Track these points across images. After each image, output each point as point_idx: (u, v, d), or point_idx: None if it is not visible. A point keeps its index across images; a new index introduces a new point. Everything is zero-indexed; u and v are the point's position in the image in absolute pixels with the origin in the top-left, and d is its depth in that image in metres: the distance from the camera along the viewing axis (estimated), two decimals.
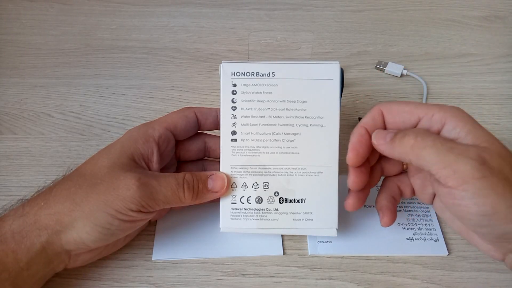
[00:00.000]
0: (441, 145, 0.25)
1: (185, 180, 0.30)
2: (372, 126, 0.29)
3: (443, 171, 0.25)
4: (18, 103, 0.45)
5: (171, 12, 0.58)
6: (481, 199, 0.24)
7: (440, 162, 0.25)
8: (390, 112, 0.29)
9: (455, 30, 0.57)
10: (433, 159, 0.25)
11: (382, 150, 0.28)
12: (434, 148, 0.25)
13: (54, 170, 0.39)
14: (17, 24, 0.55)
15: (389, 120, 0.29)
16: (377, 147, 0.29)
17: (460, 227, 0.30)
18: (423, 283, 0.32)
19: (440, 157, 0.25)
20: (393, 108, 0.29)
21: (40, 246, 0.27)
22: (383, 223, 0.31)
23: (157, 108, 0.45)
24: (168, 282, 0.32)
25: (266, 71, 0.31)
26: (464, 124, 0.26)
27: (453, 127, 0.27)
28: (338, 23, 0.58)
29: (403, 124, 0.29)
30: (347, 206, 0.31)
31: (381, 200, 0.32)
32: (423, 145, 0.26)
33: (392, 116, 0.29)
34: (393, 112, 0.29)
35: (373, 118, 0.30)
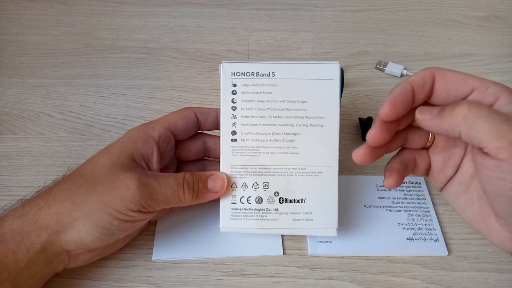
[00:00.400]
0: (496, 115, 0.24)
1: (185, 180, 0.30)
2: (420, 86, 0.27)
3: (497, 142, 0.24)
4: (18, 103, 0.45)
5: (171, 12, 0.58)
6: None
7: (495, 133, 0.24)
8: (443, 76, 0.27)
9: (455, 30, 0.57)
10: (488, 129, 0.24)
11: (428, 125, 0.27)
12: (489, 118, 0.24)
13: (54, 170, 0.39)
14: (17, 24, 0.55)
15: (440, 87, 0.27)
16: (422, 122, 0.27)
17: (475, 215, 0.29)
18: (423, 283, 0.32)
19: (496, 127, 0.24)
20: (447, 73, 0.27)
21: (40, 246, 0.27)
22: (387, 183, 0.29)
23: (157, 108, 0.45)
24: (168, 282, 0.32)
25: (266, 71, 0.31)
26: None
27: (508, 102, 0.26)
28: (338, 23, 0.58)
29: (456, 92, 0.27)
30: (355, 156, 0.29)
31: (393, 163, 0.30)
32: (477, 115, 0.24)
33: (444, 82, 0.27)
34: (447, 77, 0.27)
35: (423, 79, 0.27)
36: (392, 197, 0.38)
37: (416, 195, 0.38)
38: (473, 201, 0.29)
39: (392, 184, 0.29)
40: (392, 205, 0.37)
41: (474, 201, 0.29)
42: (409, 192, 0.38)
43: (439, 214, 0.37)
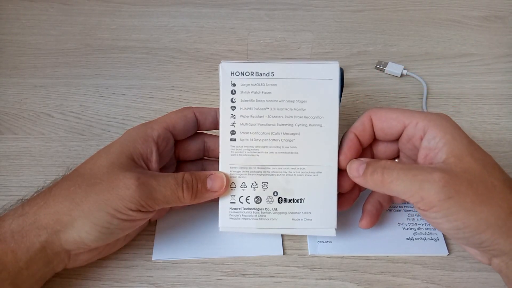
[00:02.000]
0: (404, 175, 0.28)
1: (184, 179, 0.30)
2: (362, 131, 0.32)
3: (412, 198, 0.27)
4: (18, 103, 0.45)
5: (171, 12, 0.58)
6: (451, 216, 0.26)
7: (407, 192, 0.27)
8: (378, 118, 0.31)
9: (455, 30, 0.57)
10: (401, 190, 0.28)
11: (357, 182, 0.30)
12: (400, 180, 0.28)
13: (54, 170, 0.39)
14: (17, 24, 0.55)
15: (377, 127, 0.31)
16: (353, 179, 0.31)
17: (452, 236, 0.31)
18: (423, 283, 0.32)
19: (407, 187, 0.27)
20: (382, 115, 0.31)
21: (40, 246, 0.27)
22: (360, 224, 0.33)
23: (157, 108, 0.45)
24: (168, 282, 0.32)
25: (266, 71, 0.31)
26: (444, 134, 0.28)
27: (433, 137, 0.29)
28: (338, 23, 0.58)
29: (390, 130, 0.31)
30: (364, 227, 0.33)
31: (366, 204, 0.34)
32: (389, 180, 0.28)
33: (380, 122, 0.31)
34: (382, 118, 0.31)
35: (363, 124, 0.32)
36: None
37: None
38: None
39: (366, 225, 0.33)
40: (392, 205, 0.37)
41: None
42: None
43: None
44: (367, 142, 0.32)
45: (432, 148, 0.29)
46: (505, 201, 0.26)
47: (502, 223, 0.26)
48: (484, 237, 0.26)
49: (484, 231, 0.26)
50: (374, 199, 0.34)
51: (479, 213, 0.26)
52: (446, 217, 0.26)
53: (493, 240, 0.26)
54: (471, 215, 0.26)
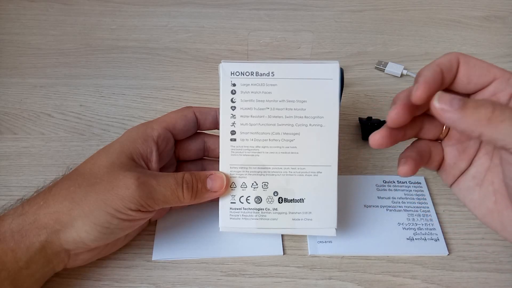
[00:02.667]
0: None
1: (184, 179, 0.30)
2: (448, 69, 0.27)
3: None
4: (18, 103, 0.45)
5: (171, 12, 0.58)
6: None
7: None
8: (467, 62, 0.27)
9: (455, 30, 0.57)
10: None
11: (446, 118, 0.25)
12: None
13: (54, 170, 0.39)
14: (17, 24, 0.55)
15: (463, 72, 0.27)
16: (439, 113, 0.25)
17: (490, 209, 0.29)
18: (423, 283, 0.32)
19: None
20: (471, 60, 0.27)
21: (40, 245, 0.27)
22: (403, 169, 0.28)
23: (157, 108, 0.45)
24: (168, 282, 0.32)
25: (266, 70, 0.31)
26: None
27: None
28: (338, 23, 0.58)
29: (477, 79, 0.27)
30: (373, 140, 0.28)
31: (408, 151, 0.29)
32: (502, 118, 0.23)
33: (468, 67, 0.27)
34: (471, 63, 0.27)
35: (450, 62, 0.27)
36: (392, 197, 0.38)
37: (416, 195, 0.38)
38: (488, 195, 0.29)
39: (407, 171, 0.28)
40: (392, 205, 0.37)
41: (489, 195, 0.29)
42: (409, 192, 0.38)
43: (439, 214, 0.36)
44: (446, 84, 0.28)
45: None
46: None
47: None
48: None
49: None
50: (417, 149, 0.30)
51: None
52: None
53: None
54: None
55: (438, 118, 0.26)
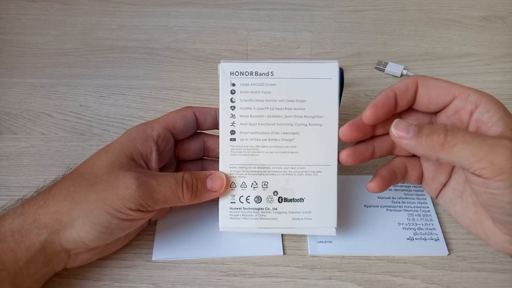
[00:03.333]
0: (472, 139, 0.25)
1: (184, 179, 0.30)
2: (403, 93, 0.29)
3: (478, 164, 0.25)
4: (18, 103, 0.45)
5: (171, 12, 0.58)
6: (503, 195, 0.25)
7: (474, 156, 0.25)
8: (426, 84, 0.28)
9: (455, 30, 0.57)
10: (466, 154, 0.25)
11: (404, 144, 0.27)
12: (466, 144, 0.25)
13: (54, 170, 0.39)
14: (17, 24, 0.55)
15: (422, 94, 0.29)
16: (397, 140, 0.27)
17: (472, 220, 0.30)
18: (423, 283, 0.32)
19: (474, 151, 0.25)
20: (430, 82, 0.28)
21: (40, 245, 0.27)
22: (369, 186, 0.31)
23: (157, 108, 0.45)
24: (168, 282, 0.32)
25: (265, 70, 0.31)
26: (498, 109, 0.27)
27: (487, 110, 0.27)
28: (338, 23, 0.58)
29: (437, 99, 0.28)
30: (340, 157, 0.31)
31: (381, 169, 0.32)
32: (454, 142, 0.25)
33: (427, 89, 0.28)
34: (429, 85, 0.28)
35: (406, 86, 0.29)
36: (392, 197, 0.38)
37: (416, 195, 0.38)
38: (469, 206, 0.30)
39: (374, 188, 0.31)
40: (392, 205, 0.37)
41: (469, 206, 0.30)
42: (409, 192, 0.38)
43: (439, 214, 0.36)
44: (402, 107, 0.29)
45: (485, 122, 0.27)
46: None
47: None
48: None
49: None
50: (390, 167, 0.32)
51: None
52: (511, 188, 0.25)
53: None
54: None
55: (396, 143, 0.28)
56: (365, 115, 0.29)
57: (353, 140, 0.30)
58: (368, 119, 0.29)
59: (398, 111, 0.30)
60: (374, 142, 0.31)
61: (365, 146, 0.31)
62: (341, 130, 0.30)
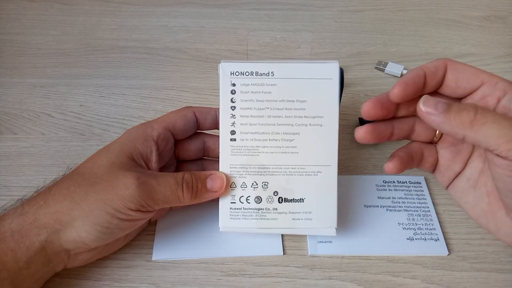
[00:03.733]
0: (502, 119, 0.25)
1: (184, 179, 0.30)
2: (433, 74, 0.28)
3: (506, 145, 0.24)
4: (18, 103, 0.45)
5: (171, 12, 0.58)
6: None
7: (503, 136, 0.24)
8: (455, 68, 0.28)
9: (455, 30, 0.57)
10: (496, 133, 0.24)
11: (431, 120, 0.26)
12: (496, 123, 0.24)
13: (54, 170, 0.39)
14: (17, 24, 0.55)
15: (451, 77, 0.28)
16: (424, 116, 0.26)
17: (484, 211, 0.30)
18: (423, 283, 0.32)
19: (503, 131, 0.24)
20: (459, 66, 0.28)
21: (40, 245, 0.27)
22: (387, 166, 0.30)
23: (157, 108, 0.45)
24: (168, 282, 0.32)
25: (265, 70, 0.31)
26: None
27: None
28: (338, 23, 0.58)
29: (465, 84, 0.28)
30: (357, 134, 0.29)
31: (398, 151, 0.31)
32: (484, 121, 0.25)
33: (455, 73, 0.28)
34: (458, 69, 0.28)
35: (436, 67, 0.28)
36: (392, 197, 0.38)
37: (416, 195, 0.38)
38: (482, 196, 0.30)
39: (392, 168, 0.29)
40: (392, 205, 0.37)
41: (483, 196, 0.30)
42: (409, 192, 0.38)
43: (439, 214, 0.36)
44: (430, 88, 0.29)
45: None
46: None
47: None
48: None
49: None
50: (408, 150, 0.31)
51: None
52: None
53: None
54: None
55: (424, 120, 0.27)
56: (393, 93, 0.28)
57: (374, 118, 0.29)
58: (397, 96, 0.28)
59: (426, 92, 0.29)
60: (394, 123, 0.30)
61: (385, 125, 0.30)
62: (364, 106, 0.28)
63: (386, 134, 0.30)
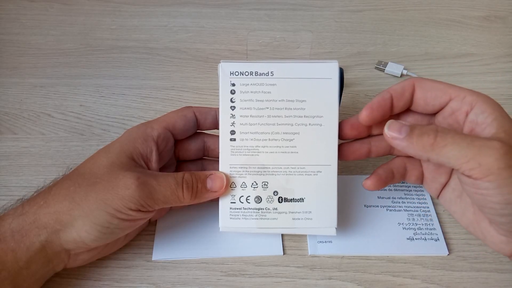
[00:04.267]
0: (461, 140, 0.26)
1: (184, 179, 0.30)
2: (399, 95, 0.29)
3: (467, 164, 0.25)
4: (18, 103, 0.45)
5: (171, 12, 0.58)
6: (506, 188, 0.25)
7: (463, 157, 0.25)
8: (422, 86, 0.29)
9: (455, 30, 0.57)
10: (456, 154, 0.26)
11: (395, 145, 0.28)
12: (455, 145, 0.26)
13: (54, 170, 0.39)
14: (17, 24, 0.55)
15: (419, 95, 0.29)
16: (390, 141, 0.28)
17: (471, 220, 0.31)
18: (423, 283, 0.32)
19: (463, 151, 0.25)
20: (426, 83, 0.29)
21: (40, 245, 0.27)
22: (364, 183, 0.32)
23: (157, 108, 0.45)
24: (168, 282, 0.32)
25: (265, 70, 0.31)
26: (492, 110, 0.27)
27: (481, 111, 0.27)
28: (338, 23, 0.58)
29: (434, 101, 0.29)
30: (340, 152, 0.32)
31: (379, 168, 0.32)
32: (443, 143, 0.26)
33: (423, 91, 0.29)
34: (426, 87, 0.29)
35: (403, 88, 0.29)
36: (392, 197, 0.38)
37: (416, 195, 0.38)
38: (468, 206, 0.31)
39: (370, 185, 0.32)
40: (392, 205, 0.37)
41: (468, 206, 0.31)
42: (409, 192, 0.38)
43: (439, 214, 0.36)
44: (399, 109, 0.30)
45: (480, 123, 0.27)
46: None
47: None
48: None
49: None
50: (388, 167, 0.32)
51: None
52: (500, 188, 0.25)
53: None
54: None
55: (390, 144, 0.29)
56: (360, 116, 0.30)
57: (349, 138, 0.32)
58: (364, 120, 0.30)
59: (396, 112, 0.31)
60: (371, 141, 0.32)
61: (360, 143, 0.32)
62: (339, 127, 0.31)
63: (363, 152, 0.32)
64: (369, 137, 0.32)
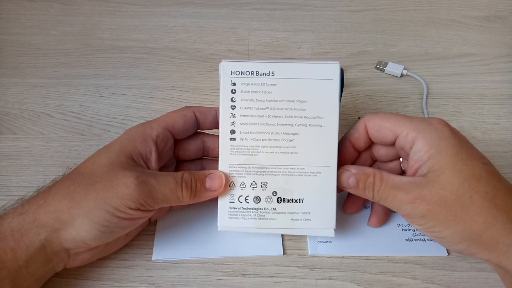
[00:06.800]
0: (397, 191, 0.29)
1: (184, 179, 0.30)
2: (356, 138, 0.32)
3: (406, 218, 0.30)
4: (18, 103, 0.45)
5: (171, 12, 0.58)
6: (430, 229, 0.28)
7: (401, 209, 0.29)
8: (372, 127, 0.32)
9: (455, 30, 0.57)
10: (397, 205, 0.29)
11: (353, 192, 0.31)
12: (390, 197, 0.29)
13: (54, 170, 0.39)
14: (17, 24, 0.55)
15: (372, 133, 0.32)
16: (345, 190, 0.32)
17: None
18: (423, 283, 0.32)
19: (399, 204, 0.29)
20: (376, 123, 0.31)
21: (39, 244, 0.27)
22: (369, 222, 0.35)
23: (157, 108, 0.45)
24: (168, 282, 0.32)
25: (266, 70, 0.31)
26: (429, 148, 0.28)
27: (419, 150, 0.29)
28: (338, 23, 0.58)
29: (383, 139, 0.31)
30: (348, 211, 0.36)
31: (373, 203, 0.35)
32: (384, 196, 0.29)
33: (374, 131, 0.32)
34: (375, 127, 0.31)
35: (358, 131, 0.32)
36: None
37: None
38: None
39: (374, 224, 0.35)
40: None
41: None
42: None
43: None
44: (363, 147, 0.33)
45: (418, 161, 0.29)
46: (481, 216, 0.27)
47: (477, 237, 0.27)
48: (461, 248, 0.28)
49: (459, 242, 0.27)
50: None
51: (453, 227, 0.27)
52: (426, 230, 0.29)
53: (471, 251, 0.28)
54: (445, 229, 0.27)
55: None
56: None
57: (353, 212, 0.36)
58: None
59: (362, 150, 0.34)
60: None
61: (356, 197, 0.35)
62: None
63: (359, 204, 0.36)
64: None
